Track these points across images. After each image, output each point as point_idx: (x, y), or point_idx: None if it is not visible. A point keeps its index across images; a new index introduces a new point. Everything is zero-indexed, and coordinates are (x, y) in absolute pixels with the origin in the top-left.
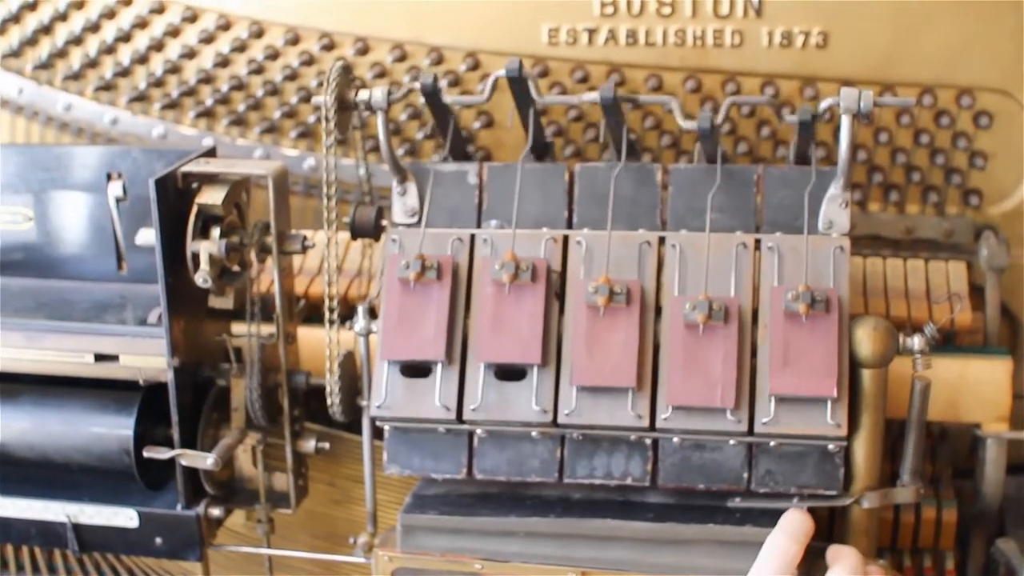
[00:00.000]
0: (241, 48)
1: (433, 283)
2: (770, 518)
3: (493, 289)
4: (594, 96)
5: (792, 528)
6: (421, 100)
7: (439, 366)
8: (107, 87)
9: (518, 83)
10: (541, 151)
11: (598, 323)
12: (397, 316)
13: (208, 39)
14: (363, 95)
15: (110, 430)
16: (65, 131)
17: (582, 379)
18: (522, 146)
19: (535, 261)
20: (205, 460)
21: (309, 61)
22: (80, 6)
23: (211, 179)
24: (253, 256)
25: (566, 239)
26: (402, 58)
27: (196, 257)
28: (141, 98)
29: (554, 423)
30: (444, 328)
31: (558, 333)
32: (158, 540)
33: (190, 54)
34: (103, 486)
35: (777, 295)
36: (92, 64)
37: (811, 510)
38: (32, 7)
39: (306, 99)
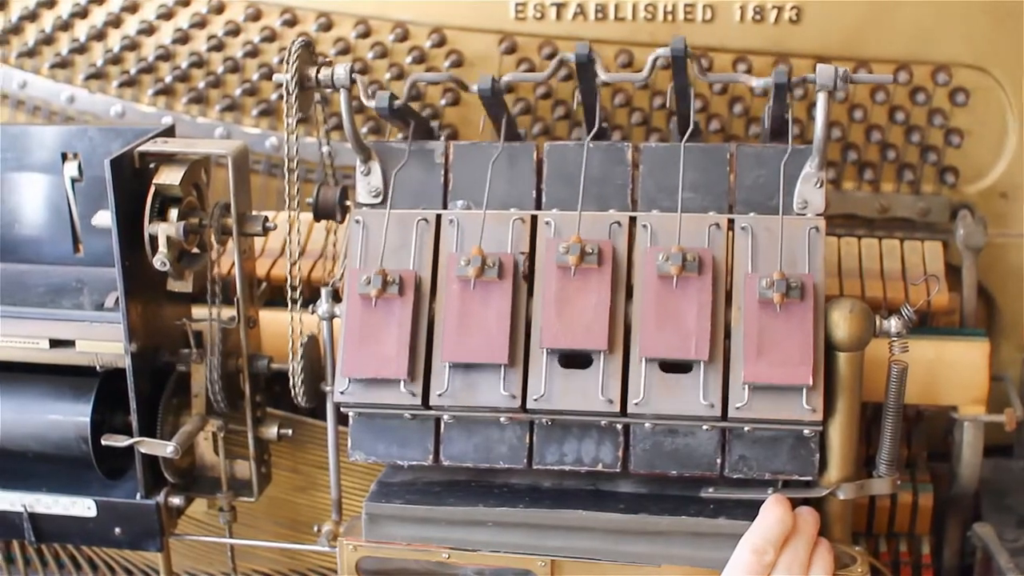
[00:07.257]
0: (201, 24)
1: (395, 299)
2: (744, 509)
3: (459, 286)
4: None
5: (759, 539)
6: (386, 75)
7: None
8: (63, 64)
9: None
10: (510, 133)
11: (569, 284)
12: (358, 333)
13: (167, 15)
14: (325, 73)
15: (66, 417)
16: (20, 109)
17: (551, 341)
18: (491, 124)
19: (501, 256)
20: (165, 448)
21: (271, 37)
22: None
23: (169, 159)
24: (213, 238)
25: (535, 220)
26: (366, 34)
27: (154, 239)
28: (98, 75)
29: (523, 408)
30: (406, 346)
31: (527, 320)
32: (117, 530)
33: (148, 30)
34: (60, 475)
35: (751, 283)
36: (47, 40)
37: None
38: None
39: (268, 76)
